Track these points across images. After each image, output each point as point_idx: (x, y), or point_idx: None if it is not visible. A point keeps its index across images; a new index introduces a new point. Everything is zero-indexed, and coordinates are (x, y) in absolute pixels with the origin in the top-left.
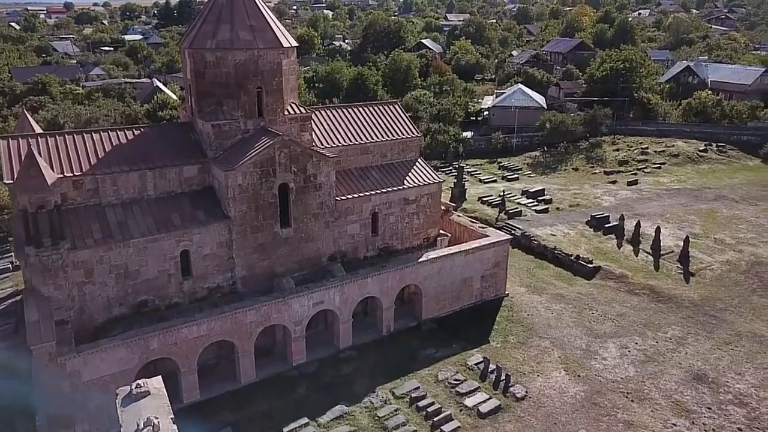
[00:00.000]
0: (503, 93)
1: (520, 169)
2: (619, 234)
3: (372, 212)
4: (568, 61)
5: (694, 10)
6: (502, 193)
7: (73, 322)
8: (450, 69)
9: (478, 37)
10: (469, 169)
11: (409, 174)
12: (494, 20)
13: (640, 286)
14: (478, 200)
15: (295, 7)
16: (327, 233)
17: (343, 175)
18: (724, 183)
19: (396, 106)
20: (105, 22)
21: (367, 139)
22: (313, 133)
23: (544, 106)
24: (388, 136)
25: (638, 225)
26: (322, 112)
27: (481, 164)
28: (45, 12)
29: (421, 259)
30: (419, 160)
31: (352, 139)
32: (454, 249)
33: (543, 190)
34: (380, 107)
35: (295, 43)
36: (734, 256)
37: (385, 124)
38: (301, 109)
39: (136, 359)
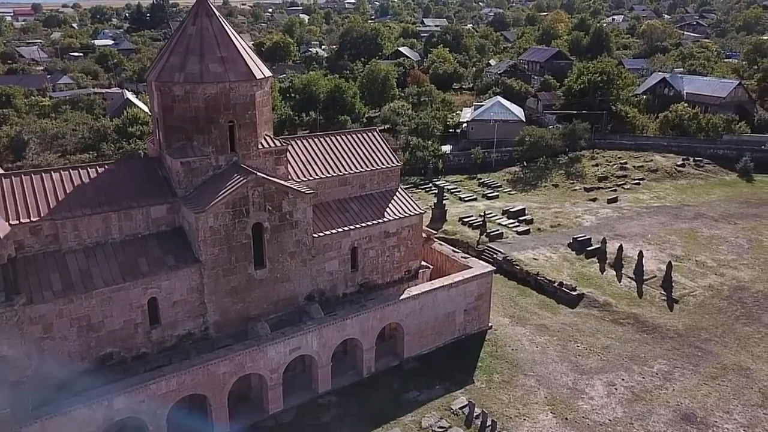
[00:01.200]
0: (482, 105)
1: (500, 186)
2: (602, 258)
3: (351, 247)
4: (546, 70)
5: (666, 15)
6: (482, 214)
7: (31, 383)
8: (428, 78)
9: (455, 45)
10: (448, 186)
11: (390, 205)
12: (471, 25)
13: (624, 314)
14: (458, 221)
15: (270, 10)
16: (304, 272)
17: (320, 208)
18: (702, 199)
19: (375, 133)
20: (74, 25)
21: (346, 170)
22: (289, 164)
23: (523, 119)
24: (368, 166)
25: (620, 249)
26: (299, 142)
27: (460, 181)
28: (12, 14)
29: (402, 297)
30: (399, 189)
31: (330, 171)
32: (437, 284)
33: (524, 209)
34: (359, 135)
35: (268, 74)
36: (716, 280)
37: (364, 153)
38: (276, 141)
39: (99, 420)
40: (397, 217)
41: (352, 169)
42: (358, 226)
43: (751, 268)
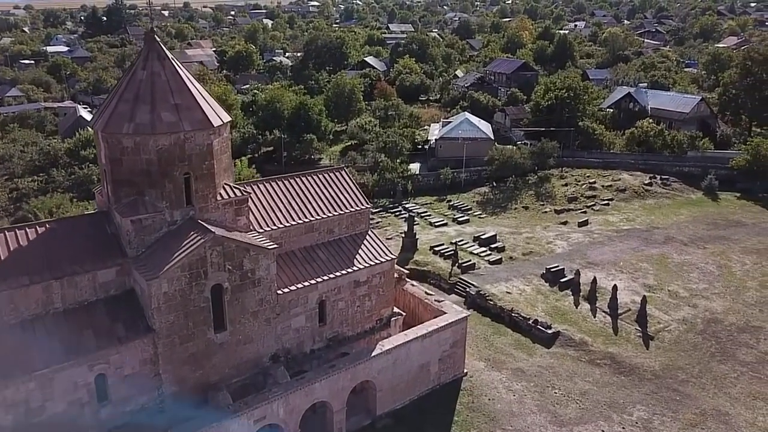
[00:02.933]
0: (450, 122)
1: (470, 209)
2: (576, 290)
3: (319, 301)
4: (512, 82)
5: (626, 21)
6: (454, 243)
7: None
8: (395, 91)
9: (421, 55)
10: (418, 210)
11: (360, 251)
12: (436, 31)
13: (600, 354)
14: (430, 250)
15: (233, 13)
16: (268, 331)
17: (285, 258)
18: (671, 221)
19: (343, 173)
20: (26, 29)
21: (313, 216)
22: (251, 212)
23: (492, 137)
24: (336, 210)
25: (594, 282)
26: (261, 186)
27: (430, 203)
28: None
29: (374, 353)
30: (370, 232)
31: (296, 218)
32: (410, 335)
33: (495, 236)
34: (326, 175)
35: (227, 118)
36: (689, 312)
37: (331, 195)
38: (236, 191)
39: None
40: (367, 265)
41: (319, 215)
42: (326, 277)
43: (723, 298)
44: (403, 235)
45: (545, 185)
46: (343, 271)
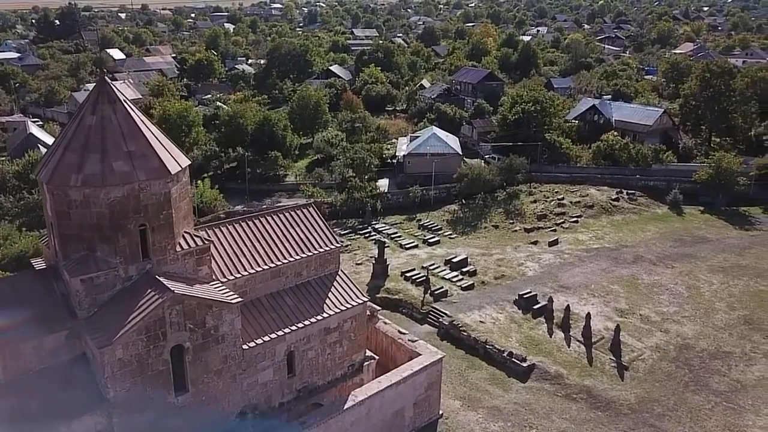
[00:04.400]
0: (417, 136)
1: (440, 229)
2: (549, 317)
3: (287, 352)
4: (478, 92)
5: (586, 26)
6: (426, 268)
7: None
8: (361, 103)
9: (387, 63)
10: (388, 231)
11: (330, 295)
12: (401, 36)
13: (577, 388)
14: (401, 276)
15: (193, 16)
16: (234, 388)
17: (250, 307)
18: (639, 238)
19: (311, 209)
20: None
21: (279, 260)
22: (213, 259)
23: (460, 152)
24: (304, 252)
25: (567, 309)
26: (224, 229)
27: (400, 223)
28: None
29: (347, 405)
30: (340, 272)
31: (262, 263)
32: (384, 382)
33: (466, 259)
34: (293, 213)
35: (186, 162)
36: (662, 338)
37: (299, 235)
38: (197, 239)
39: None
40: (338, 311)
41: (286, 258)
42: (294, 327)
43: (693, 322)
44: (373, 261)
45: (514, 202)
46: (313, 319)
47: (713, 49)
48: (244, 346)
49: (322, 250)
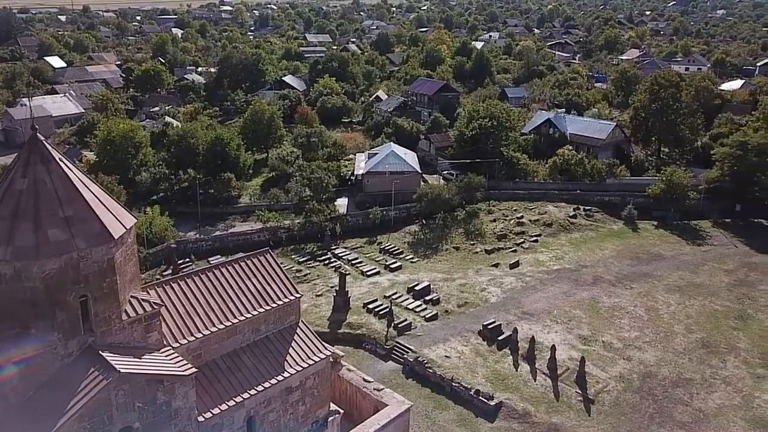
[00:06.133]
0: (375, 153)
1: (402, 252)
2: (514, 348)
3: (247, 418)
4: (434, 103)
5: (536, 30)
6: (388, 298)
7: None
8: (316, 115)
9: (342, 72)
10: (349, 257)
11: (291, 351)
12: (354, 42)
13: (545, 426)
14: (363, 308)
15: (138, 18)
16: None
17: (206, 371)
18: (597, 257)
19: (268, 257)
20: None
21: (236, 317)
22: (164, 322)
23: (419, 170)
24: (262, 306)
25: (532, 340)
26: (176, 286)
27: (360, 246)
28: None
29: None
30: (301, 324)
31: (217, 322)
32: None
33: (429, 286)
34: (248, 262)
35: (131, 222)
36: (625, 367)
37: (256, 287)
38: (146, 303)
39: None
40: (300, 368)
41: (243, 314)
42: (253, 392)
43: (654, 347)
44: (334, 294)
45: (474, 221)
46: (273, 380)
47: (657, 55)
48: (200, 418)
49: (281, 302)
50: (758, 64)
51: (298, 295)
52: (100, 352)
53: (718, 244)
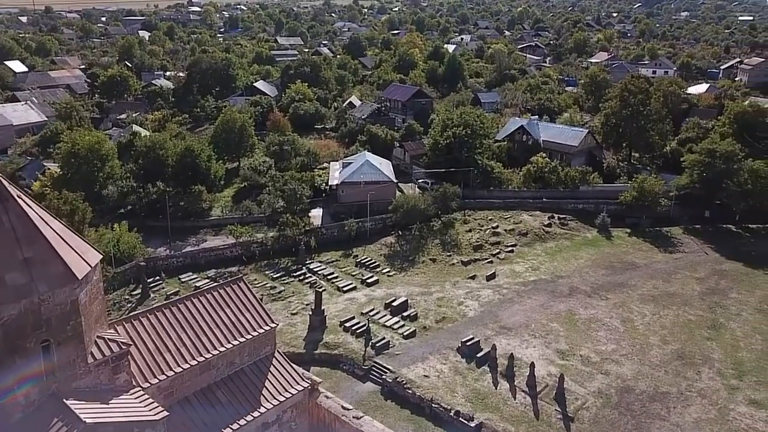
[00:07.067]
0: (350, 162)
1: (378, 266)
2: (493, 365)
3: None
4: (408, 109)
5: (507, 32)
6: (365, 315)
7: None
8: (288, 123)
9: (314, 78)
10: (324, 271)
11: (267, 384)
12: (326, 43)
13: None
14: (340, 326)
15: (104, 19)
16: None
17: (178, 410)
18: (572, 266)
19: (241, 286)
20: None
21: (209, 352)
22: (133, 361)
23: (394, 179)
24: (237, 338)
25: (511, 358)
26: (145, 321)
27: (336, 260)
28: None
29: None
30: (277, 355)
31: (189, 358)
32: None
33: (406, 301)
34: (221, 292)
35: (97, 259)
36: (603, 382)
37: (230, 318)
38: (113, 343)
39: None
40: (277, 402)
41: (216, 348)
42: (228, 430)
43: (631, 360)
44: (310, 312)
45: (450, 232)
46: (249, 417)
47: (625, 58)
48: None
49: (256, 333)
50: (722, 67)
51: (273, 325)
52: (64, 399)
53: (689, 251)
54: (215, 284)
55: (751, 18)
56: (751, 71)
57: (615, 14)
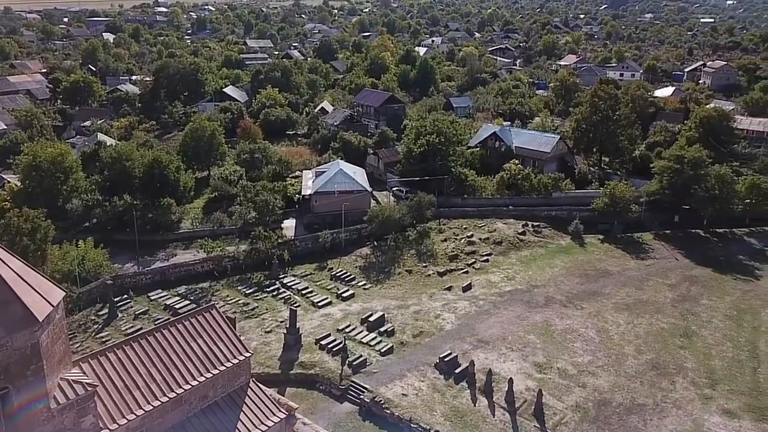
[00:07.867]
0: (323, 171)
1: (354, 279)
2: (471, 381)
3: None
4: (380, 115)
5: (477, 34)
6: (342, 334)
7: None
8: (259, 130)
9: (285, 83)
10: (298, 285)
11: (242, 416)
12: (296, 46)
13: None
14: (316, 344)
15: (66, 20)
16: None
17: None
18: (547, 275)
19: (214, 313)
20: None
21: (181, 386)
22: (100, 400)
23: (368, 188)
24: (210, 370)
25: (490, 373)
26: (113, 356)
27: (310, 274)
28: None
29: None
30: (252, 384)
31: (159, 394)
32: None
33: (383, 316)
34: (192, 321)
35: (59, 297)
36: (581, 395)
37: (202, 348)
38: (78, 384)
39: None
40: None
41: (189, 382)
42: None
43: (607, 371)
44: (284, 331)
45: (425, 242)
46: None
47: (593, 60)
48: None
49: (230, 363)
50: (686, 70)
51: (248, 354)
52: None
53: (660, 257)
54: (185, 314)
55: (712, 20)
56: (714, 74)
57: (582, 16)
